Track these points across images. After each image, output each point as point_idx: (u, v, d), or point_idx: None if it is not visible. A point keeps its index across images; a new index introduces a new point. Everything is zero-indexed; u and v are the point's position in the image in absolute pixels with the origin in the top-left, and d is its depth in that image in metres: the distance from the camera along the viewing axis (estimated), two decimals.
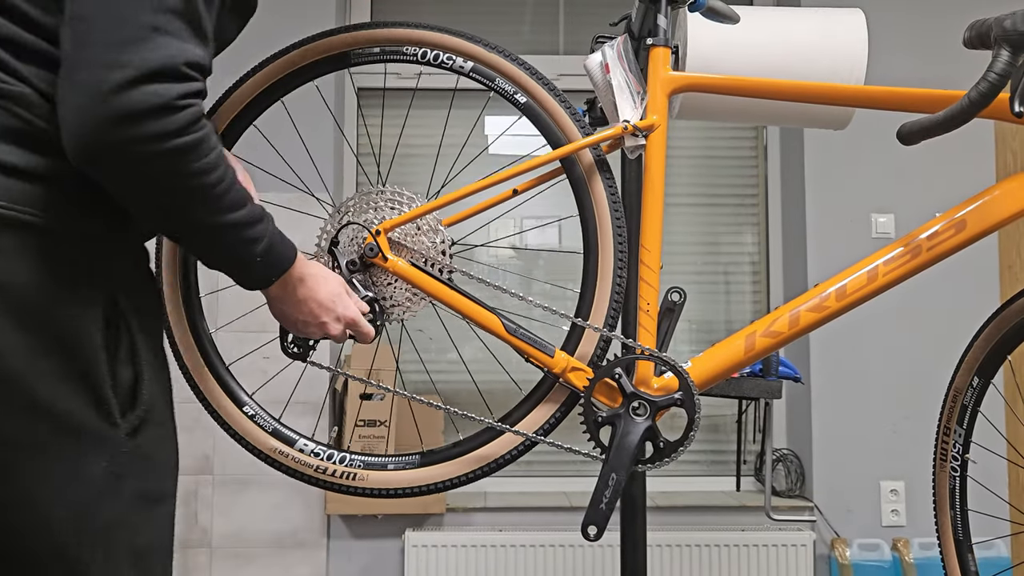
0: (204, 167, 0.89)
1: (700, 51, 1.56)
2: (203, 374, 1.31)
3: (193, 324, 1.31)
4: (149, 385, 0.97)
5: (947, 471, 1.48)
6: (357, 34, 1.30)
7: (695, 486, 3.07)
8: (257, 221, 0.99)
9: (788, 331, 1.26)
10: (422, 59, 1.30)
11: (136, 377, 0.95)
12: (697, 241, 3.21)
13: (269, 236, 1.01)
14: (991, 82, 1.04)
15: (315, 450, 1.31)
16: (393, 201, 1.31)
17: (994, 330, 1.41)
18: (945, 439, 1.48)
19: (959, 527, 1.47)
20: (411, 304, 1.30)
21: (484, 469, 1.28)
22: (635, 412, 1.23)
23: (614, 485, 1.20)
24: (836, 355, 2.89)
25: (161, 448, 1.01)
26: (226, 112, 1.31)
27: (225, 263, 1.03)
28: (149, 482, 0.98)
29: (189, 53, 0.87)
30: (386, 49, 1.30)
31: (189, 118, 0.86)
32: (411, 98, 1.80)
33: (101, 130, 0.83)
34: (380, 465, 1.30)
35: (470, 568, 2.73)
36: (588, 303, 1.28)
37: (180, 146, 0.86)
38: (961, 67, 1.68)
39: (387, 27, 1.30)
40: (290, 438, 1.32)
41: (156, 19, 0.84)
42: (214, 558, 2.79)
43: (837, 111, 1.58)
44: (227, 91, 1.32)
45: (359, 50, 1.31)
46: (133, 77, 0.82)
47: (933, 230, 1.25)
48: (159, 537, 1.00)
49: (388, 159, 2.00)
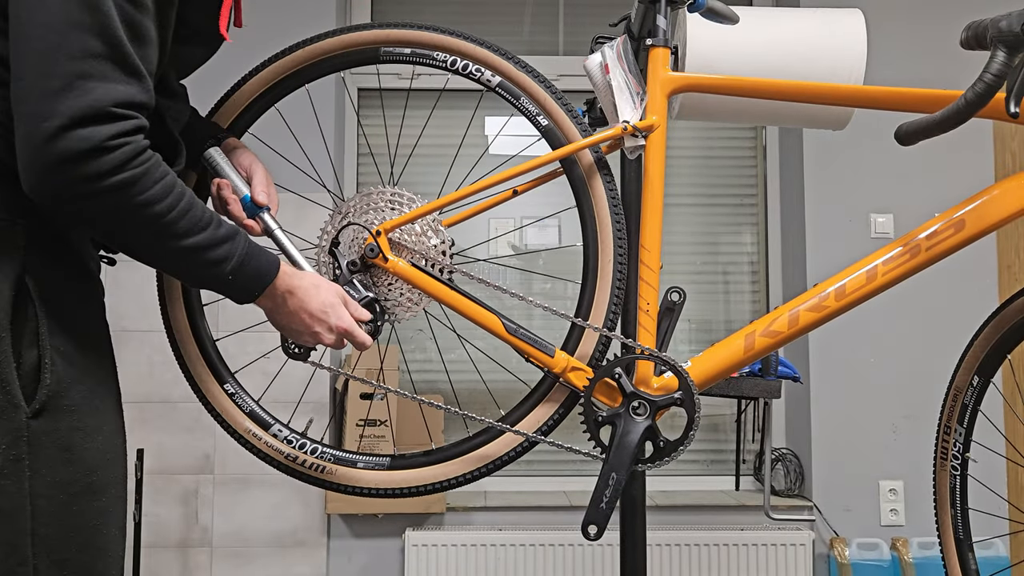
0: (149, 199, 0.94)
1: (699, 51, 1.56)
2: (189, 347, 1.32)
3: (188, 299, 1.33)
4: (57, 371, 0.97)
5: (947, 470, 1.49)
6: (391, 32, 1.31)
7: (694, 485, 3.08)
8: (221, 242, 1.02)
9: (787, 331, 1.26)
10: (451, 67, 1.31)
11: (39, 360, 0.96)
12: (696, 241, 3.21)
13: (240, 255, 1.04)
14: (987, 83, 1.04)
15: (288, 437, 1.32)
16: (393, 202, 1.31)
17: (994, 329, 1.41)
18: (946, 438, 1.49)
19: (959, 526, 1.48)
20: (412, 304, 1.30)
21: (447, 483, 1.29)
22: (635, 412, 1.24)
23: (614, 484, 1.21)
24: (835, 355, 2.90)
25: (85, 440, 1.00)
26: (249, 90, 1.33)
27: (198, 284, 1.08)
28: (66, 473, 0.98)
29: (117, 93, 0.91)
30: (417, 52, 1.31)
31: (124, 156, 0.92)
32: (436, 99, 1.82)
33: (43, 176, 0.90)
34: (350, 462, 1.31)
35: (470, 567, 2.74)
36: (588, 303, 1.28)
37: (118, 183, 0.92)
38: (961, 67, 1.68)
39: (422, 30, 1.31)
40: (266, 422, 1.33)
41: (80, 66, 0.90)
42: (214, 557, 2.80)
43: (836, 111, 1.58)
44: (251, 71, 1.34)
45: (390, 48, 1.32)
46: (61, 125, 0.88)
47: (932, 230, 1.25)
48: (83, 532, 1.00)
49: (390, 159, 2.00)
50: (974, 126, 1.17)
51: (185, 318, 1.33)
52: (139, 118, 0.94)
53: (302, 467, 1.31)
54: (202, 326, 1.33)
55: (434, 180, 2.65)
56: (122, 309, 2.73)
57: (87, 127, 0.89)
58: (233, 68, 1.38)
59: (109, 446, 1.05)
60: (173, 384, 2.73)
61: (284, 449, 1.31)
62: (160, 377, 2.76)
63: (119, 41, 0.92)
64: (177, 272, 1.06)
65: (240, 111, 1.34)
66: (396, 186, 1.33)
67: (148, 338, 2.76)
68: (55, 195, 0.91)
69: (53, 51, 0.89)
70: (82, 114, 0.89)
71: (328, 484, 1.31)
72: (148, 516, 2.74)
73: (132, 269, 1.14)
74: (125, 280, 2.94)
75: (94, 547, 1.01)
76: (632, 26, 1.51)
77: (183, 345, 1.33)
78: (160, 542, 2.79)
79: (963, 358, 1.46)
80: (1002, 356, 1.42)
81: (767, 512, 2.79)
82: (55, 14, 0.89)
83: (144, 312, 2.79)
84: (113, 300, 1.10)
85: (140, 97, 0.94)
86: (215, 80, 1.35)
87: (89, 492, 1.00)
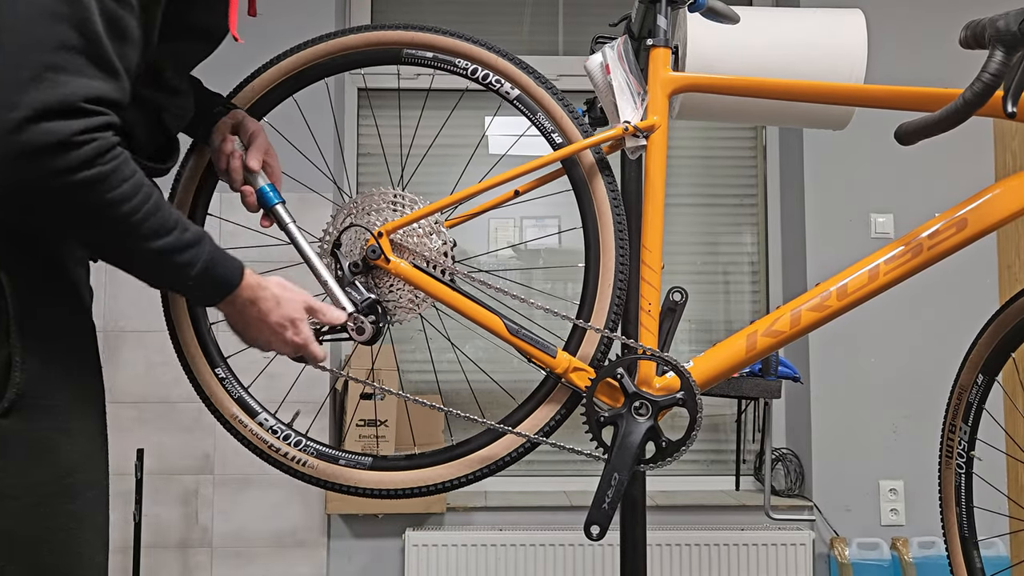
0: (116, 198, 0.92)
1: (700, 51, 1.56)
2: (184, 329, 1.33)
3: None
4: (30, 369, 0.95)
5: (952, 468, 1.49)
6: (416, 34, 1.31)
7: (695, 485, 3.08)
8: (188, 247, 1.00)
9: (790, 330, 1.26)
10: (471, 75, 1.31)
11: (9, 358, 0.94)
12: (696, 241, 3.21)
13: (204, 261, 1.02)
14: (985, 82, 1.04)
15: (274, 427, 1.33)
16: (395, 203, 1.31)
17: (998, 327, 1.41)
18: (951, 436, 1.49)
19: (964, 524, 1.48)
20: (413, 305, 1.30)
21: (429, 488, 1.30)
22: (637, 412, 1.24)
23: (616, 485, 1.21)
24: (835, 355, 2.90)
25: (62, 441, 0.98)
26: (268, 78, 1.34)
27: (159, 285, 1.07)
28: (38, 474, 0.96)
29: (89, 88, 0.89)
30: (439, 57, 1.31)
31: (91, 152, 0.89)
32: (458, 100, 1.82)
33: (5, 168, 0.87)
34: (332, 458, 1.32)
35: (470, 567, 2.74)
36: (590, 303, 1.28)
37: (84, 180, 0.89)
38: (961, 67, 1.68)
39: (447, 36, 1.31)
40: (253, 410, 1.33)
41: (52, 58, 0.87)
42: (215, 557, 2.80)
43: (836, 111, 1.58)
44: (271, 60, 1.34)
45: (413, 51, 1.32)
46: (26, 116, 0.85)
47: (934, 228, 1.25)
48: (55, 535, 0.98)
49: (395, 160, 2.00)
50: (974, 127, 1.17)
51: (186, 307, 1.33)
52: (109, 115, 0.92)
53: (284, 458, 1.32)
54: (200, 311, 1.34)
55: (435, 180, 2.65)
56: (120, 309, 2.73)
57: (53, 120, 0.86)
58: (230, 65, 1.38)
59: (89, 449, 1.02)
60: (172, 384, 2.74)
61: (268, 439, 1.32)
62: (159, 377, 2.76)
63: (96, 35, 0.90)
64: (138, 272, 1.03)
65: (257, 98, 1.35)
66: (401, 187, 1.33)
67: (146, 338, 2.76)
68: (18, 188, 0.88)
69: (27, 40, 0.87)
70: (49, 107, 0.86)
71: (309, 478, 1.32)
72: (148, 516, 2.74)
73: None
74: (124, 280, 2.94)
75: (67, 551, 0.99)
76: (632, 26, 1.51)
77: (178, 326, 1.33)
78: (160, 542, 2.78)
79: (967, 356, 1.46)
80: (1006, 354, 1.42)
81: (767, 512, 2.79)
82: (34, 3, 0.88)
83: (142, 312, 2.80)
84: (112, 300, 1.10)
85: (113, 94, 0.92)
86: (213, 79, 1.35)
87: (63, 495, 0.98)
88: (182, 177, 1.33)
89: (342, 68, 1.35)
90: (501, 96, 1.31)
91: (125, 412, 2.73)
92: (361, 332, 1.24)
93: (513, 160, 1.45)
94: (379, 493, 1.31)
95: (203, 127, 1.27)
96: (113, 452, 1.08)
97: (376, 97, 3.13)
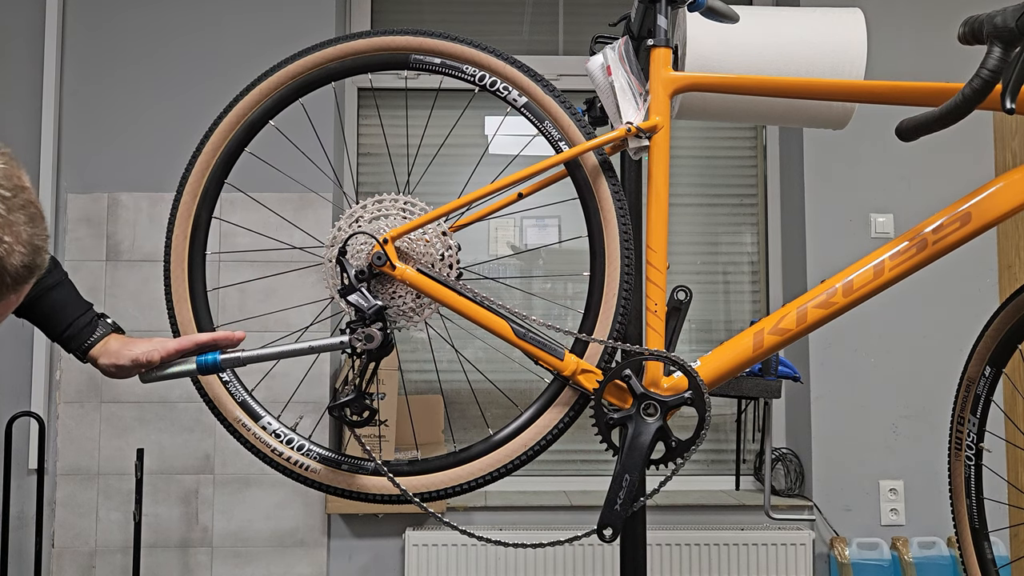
0: None
1: (699, 51, 1.56)
2: (189, 332, 1.33)
3: (192, 278, 1.35)
4: None
5: (962, 460, 1.49)
6: (424, 40, 1.32)
7: (695, 485, 3.08)
8: None
9: (796, 328, 1.26)
10: (479, 81, 1.31)
11: None
12: (696, 241, 3.21)
13: None
14: (983, 78, 1.05)
15: (277, 431, 1.33)
16: (400, 209, 1.31)
17: (1006, 319, 1.41)
18: (960, 428, 1.49)
19: (975, 515, 1.48)
20: (420, 311, 1.30)
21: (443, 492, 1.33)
22: (646, 412, 1.23)
23: (628, 486, 1.21)
24: (835, 355, 2.90)
25: None
26: (275, 82, 1.35)
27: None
28: None
29: None
30: (448, 63, 1.32)
31: None
32: (468, 101, 1.83)
33: None
34: (335, 463, 1.32)
35: (470, 567, 2.74)
36: (596, 305, 1.28)
37: None
38: (961, 63, 1.68)
39: (456, 42, 1.31)
40: (257, 413, 1.34)
41: None
42: (215, 557, 2.79)
43: (836, 110, 1.58)
44: (280, 63, 1.35)
45: (421, 56, 1.32)
46: None
47: (938, 223, 1.25)
48: None
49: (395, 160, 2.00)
50: (974, 126, 1.17)
51: (190, 308, 1.34)
52: None
53: (287, 463, 1.32)
54: (205, 314, 1.35)
55: (435, 180, 2.65)
56: (121, 309, 2.72)
57: None
58: (231, 66, 1.37)
59: None
60: (173, 384, 2.73)
61: (271, 443, 1.32)
62: None
63: None
64: None
65: (263, 101, 1.35)
66: (409, 192, 1.34)
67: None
68: None
69: None
70: None
71: (311, 482, 1.32)
72: (148, 516, 2.74)
73: (132, 270, 1.14)
74: (124, 280, 2.94)
75: None
76: (632, 26, 1.50)
77: (183, 328, 1.34)
78: (160, 542, 2.78)
79: (974, 348, 1.46)
80: (1014, 346, 1.42)
81: (767, 512, 2.79)
82: None
83: (143, 312, 2.80)
84: (112, 300, 1.10)
85: None
86: (213, 79, 1.35)
87: None
88: (186, 181, 1.34)
89: (350, 72, 1.35)
90: (509, 103, 1.31)
91: (125, 412, 2.73)
92: (370, 340, 1.23)
93: (513, 161, 1.45)
94: (382, 498, 1.31)
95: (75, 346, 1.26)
96: (113, 452, 1.08)
97: (371, 96, 3.12)
